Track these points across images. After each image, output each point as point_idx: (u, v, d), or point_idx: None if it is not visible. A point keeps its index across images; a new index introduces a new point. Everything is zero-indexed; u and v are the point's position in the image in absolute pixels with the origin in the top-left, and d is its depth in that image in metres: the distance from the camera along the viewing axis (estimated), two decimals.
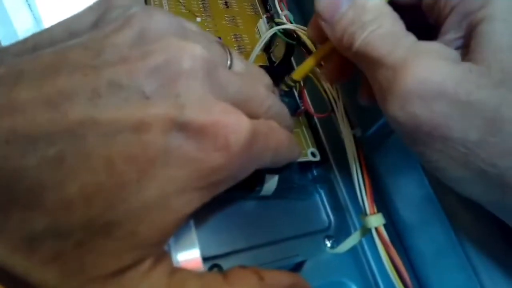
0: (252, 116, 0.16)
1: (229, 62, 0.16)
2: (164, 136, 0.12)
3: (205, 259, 0.20)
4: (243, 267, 0.14)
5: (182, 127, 0.12)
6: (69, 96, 0.12)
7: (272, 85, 0.20)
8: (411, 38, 0.14)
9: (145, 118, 0.12)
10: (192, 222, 0.18)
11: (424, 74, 0.13)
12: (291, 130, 0.20)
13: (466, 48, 0.13)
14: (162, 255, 0.13)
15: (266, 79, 0.19)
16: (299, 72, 0.21)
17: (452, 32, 0.14)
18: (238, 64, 0.17)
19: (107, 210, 0.12)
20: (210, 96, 0.13)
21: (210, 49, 0.15)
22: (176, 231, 0.13)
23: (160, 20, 0.13)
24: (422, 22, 0.16)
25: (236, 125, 0.13)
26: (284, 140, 0.17)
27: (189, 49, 0.13)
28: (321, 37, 0.18)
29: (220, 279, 0.13)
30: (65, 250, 0.12)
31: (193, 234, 0.18)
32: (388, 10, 0.15)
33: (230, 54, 0.17)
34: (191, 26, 0.16)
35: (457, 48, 0.14)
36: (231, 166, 0.13)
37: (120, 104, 0.12)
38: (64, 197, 0.11)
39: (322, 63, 0.21)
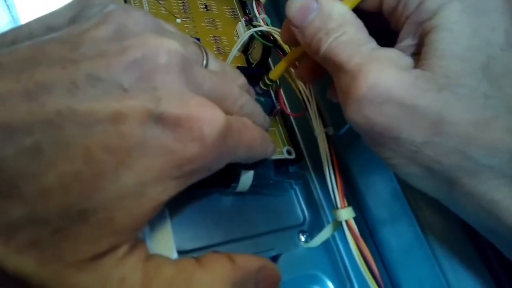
0: (226, 113, 0.16)
1: (205, 62, 0.17)
2: (141, 127, 0.12)
3: (182, 252, 0.20)
4: (215, 252, 0.15)
5: (159, 118, 0.13)
6: (47, 87, 0.12)
7: (247, 86, 0.21)
8: (371, 45, 0.15)
9: (123, 110, 0.12)
10: (171, 234, 0.18)
11: (374, 80, 0.14)
12: (266, 128, 0.21)
13: (418, 55, 0.15)
14: (138, 242, 0.14)
15: (241, 80, 0.20)
16: (275, 72, 0.22)
17: (407, 40, 0.15)
18: (214, 64, 0.18)
19: (84, 198, 0.12)
20: (185, 89, 0.14)
21: (186, 47, 0.15)
22: (152, 218, 0.14)
23: (138, 17, 0.14)
24: (387, 27, 0.17)
25: (211, 118, 0.14)
26: (257, 137, 0.18)
27: (166, 45, 0.13)
28: (293, 41, 0.19)
29: (194, 263, 0.14)
30: (42, 238, 0.12)
31: (171, 242, 0.18)
32: (352, 18, 0.16)
33: (206, 54, 0.17)
34: (168, 26, 0.16)
35: (412, 55, 0.15)
36: (205, 156, 0.14)
37: (98, 96, 0.12)
38: (42, 186, 0.12)
39: (297, 63, 0.22)
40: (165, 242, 0.17)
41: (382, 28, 0.17)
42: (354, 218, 0.20)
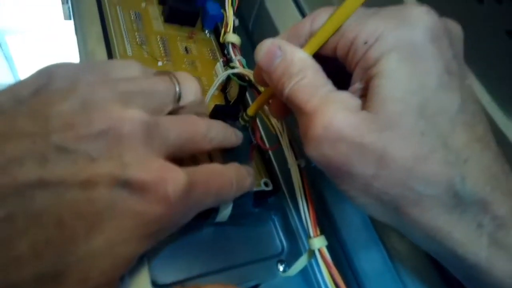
0: (199, 150, 0.18)
1: (178, 93, 0.18)
2: (109, 192, 0.14)
3: (162, 286, 0.21)
4: (182, 285, 0.16)
5: (126, 183, 0.14)
6: (18, 161, 0.13)
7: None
8: (327, 88, 0.17)
9: (91, 177, 0.13)
10: (148, 272, 0.19)
11: (328, 121, 0.15)
12: (239, 143, 0.23)
13: (365, 97, 0.16)
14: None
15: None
16: (251, 109, 0.24)
17: (358, 83, 0.17)
18: (187, 96, 0.19)
19: (57, 262, 0.13)
20: (150, 153, 0.15)
21: (152, 100, 0.17)
22: (126, 271, 0.14)
23: (101, 90, 0.15)
24: (344, 68, 0.19)
25: (174, 179, 0.15)
26: (227, 181, 0.19)
27: (129, 115, 0.15)
28: (265, 82, 0.21)
29: None
30: None
31: (147, 281, 0.19)
32: (312, 63, 0.17)
33: (179, 84, 0.18)
34: (131, 86, 0.17)
35: (361, 96, 0.17)
36: (171, 215, 0.15)
37: (67, 165, 0.13)
38: (15, 255, 0.12)
39: (270, 101, 0.24)
40: (141, 280, 0.18)
41: (340, 70, 0.19)
42: (330, 246, 0.21)
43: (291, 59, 0.18)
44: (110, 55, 0.26)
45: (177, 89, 0.18)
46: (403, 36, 0.15)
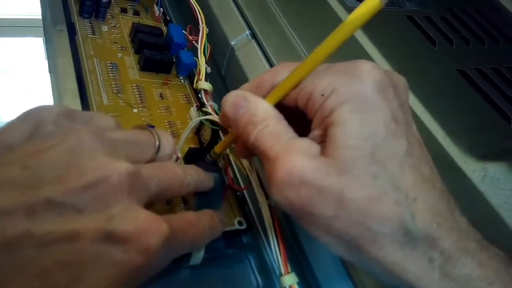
0: (178, 194, 0.19)
1: (156, 148, 0.20)
2: (94, 243, 0.14)
3: None
4: None
5: (110, 235, 0.15)
6: (7, 213, 0.13)
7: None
8: (288, 135, 0.18)
9: (77, 229, 0.14)
10: None
11: (290, 166, 0.16)
12: (210, 184, 0.23)
13: (324, 143, 0.17)
14: None
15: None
16: (219, 147, 0.25)
17: (316, 130, 0.18)
18: (165, 149, 0.20)
19: None
20: (133, 204, 0.16)
21: (135, 149, 0.18)
22: None
23: (89, 138, 0.16)
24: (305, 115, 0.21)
25: (156, 230, 0.16)
26: (201, 230, 0.20)
27: (117, 167, 0.16)
28: (230, 125, 0.22)
29: None
30: None
31: None
32: (274, 112, 0.19)
33: (159, 137, 0.20)
34: (117, 135, 0.18)
35: (321, 142, 0.18)
36: (151, 264, 0.16)
37: (55, 218, 0.14)
38: None
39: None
40: None
41: (301, 116, 0.20)
42: (305, 280, 0.22)
43: (255, 109, 0.19)
44: (87, 105, 0.27)
45: (157, 142, 0.20)
46: (354, 89, 0.17)
